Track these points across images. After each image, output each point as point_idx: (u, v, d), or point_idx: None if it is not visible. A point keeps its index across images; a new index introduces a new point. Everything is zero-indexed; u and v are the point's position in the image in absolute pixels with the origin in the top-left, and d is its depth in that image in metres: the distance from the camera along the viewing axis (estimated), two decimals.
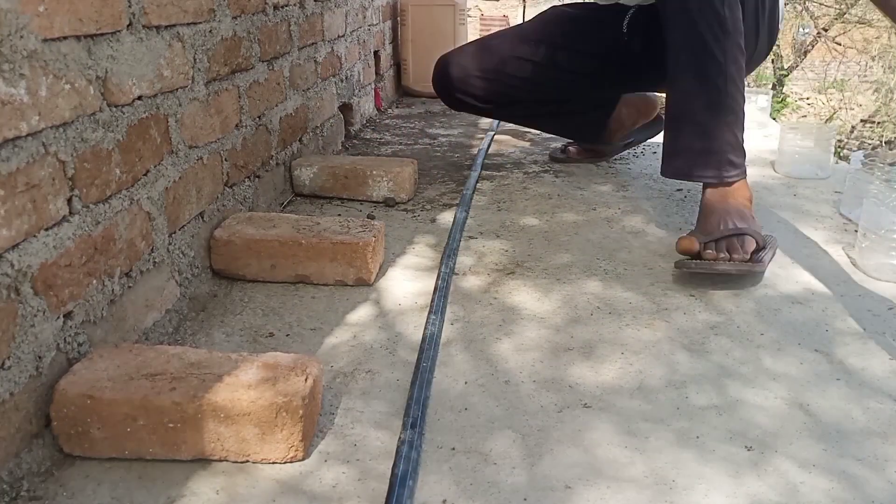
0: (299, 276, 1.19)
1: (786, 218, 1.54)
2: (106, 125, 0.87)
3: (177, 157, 1.06)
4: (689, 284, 1.21)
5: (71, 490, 0.73)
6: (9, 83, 0.69)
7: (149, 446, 0.76)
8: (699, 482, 0.75)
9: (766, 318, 1.10)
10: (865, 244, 1.26)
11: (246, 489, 0.74)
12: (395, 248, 1.36)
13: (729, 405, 0.89)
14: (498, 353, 1.00)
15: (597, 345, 1.03)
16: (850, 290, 1.20)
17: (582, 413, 0.87)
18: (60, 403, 0.75)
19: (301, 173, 1.61)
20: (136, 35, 0.93)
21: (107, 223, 0.88)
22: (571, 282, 1.23)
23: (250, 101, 1.35)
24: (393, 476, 0.74)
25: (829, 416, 0.87)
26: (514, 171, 1.88)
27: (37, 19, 0.72)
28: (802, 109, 7.12)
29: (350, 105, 2.15)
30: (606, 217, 1.54)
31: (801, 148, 1.85)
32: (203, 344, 1.01)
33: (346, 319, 1.09)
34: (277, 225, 1.22)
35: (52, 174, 0.76)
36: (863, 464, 0.78)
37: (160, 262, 1.02)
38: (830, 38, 6.84)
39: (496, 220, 1.51)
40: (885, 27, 6.59)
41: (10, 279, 0.70)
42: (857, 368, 0.97)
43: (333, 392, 0.91)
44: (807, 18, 6.80)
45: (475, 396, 0.90)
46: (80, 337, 0.82)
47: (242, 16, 1.29)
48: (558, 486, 0.75)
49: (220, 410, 0.75)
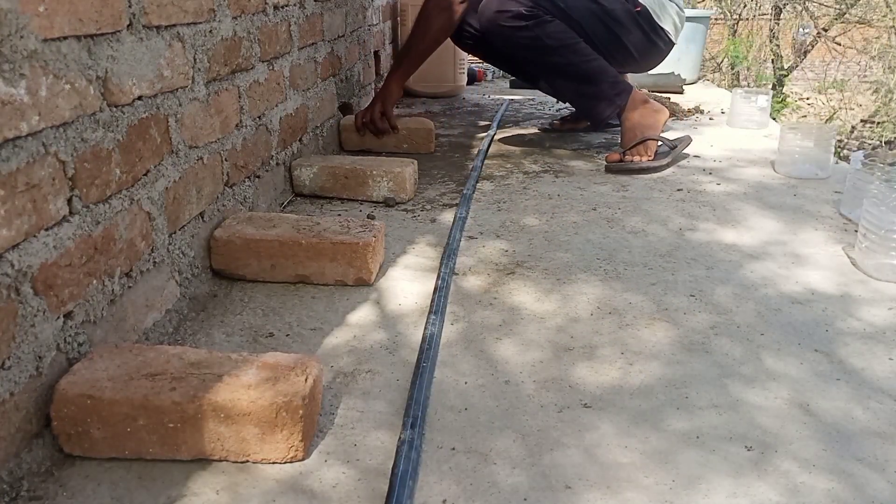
0: (299, 276, 1.19)
1: (786, 218, 1.54)
2: (106, 125, 0.87)
3: (177, 157, 1.06)
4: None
5: (71, 490, 0.73)
6: (9, 83, 0.69)
7: (149, 446, 0.76)
8: (699, 482, 0.75)
9: (767, 318, 1.10)
10: (865, 244, 1.26)
11: (246, 489, 0.74)
12: (395, 248, 1.36)
13: (729, 405, 0.89)
14: (498, 353, 1.00)
15: (597, 345, 1.03)
16: (851, 290, 1.20)
17: (582, 413, 0.87)
18: (60, 403, 0.75)
19: (301, 173, 1.61)
20: (137, 35, 0.93)
21: (107, 223, 0.88)
22: (572, 282, 1.23)
23: (250, 101, 1.35)
24: (393, 476, 0.74)
25: (830, 416, 0.87)
26: (515, 172, 1.88)
27: (37, 19, 0.72)
28: (802, 109, 7.12)
29: (350, 105, 2.15)
30: (606, 217, 1.54)
31: (801, 148, 1.85)
32: (203, 344, 1.01)
33: (346, 319, 1.09)
34: (277, 225, 1.22)
35: (52, 174, 0.76)
36: (863, 464, 0.78)
37: (160, 262, 1.02)
38: (830, 38, 6.83)
39: (496, 221, 1.51)
40: (884, 27, 6.59)
41: (11, 279, 0.70)
42: (858, 368, 0.97)
43: (333, 392, 0.91)
44: (807, 18, 6.80)
45: (475, 396, 0.90)
46: (80, 337, 0.82)
47: (242, 16, 1.29)
48: (558, 486, 0.75)
49: (221, 410, 0.74)
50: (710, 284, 1.22)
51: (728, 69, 6.90)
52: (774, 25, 6.83)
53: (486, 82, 3.48)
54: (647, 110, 1.96)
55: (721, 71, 6.98)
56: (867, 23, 6.70)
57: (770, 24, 6.86)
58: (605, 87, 1.98)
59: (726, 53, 6.76)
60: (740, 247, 1.38)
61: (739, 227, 1.48)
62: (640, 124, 1.94)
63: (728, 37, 6.94)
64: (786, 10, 6.83)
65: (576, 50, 1.94)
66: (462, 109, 2.74)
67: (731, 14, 6.99)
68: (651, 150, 1.89)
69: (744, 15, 7.02)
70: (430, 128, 2.04)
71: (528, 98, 2.93)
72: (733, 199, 1.67)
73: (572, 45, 1.94)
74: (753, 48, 6.83)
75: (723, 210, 1.59)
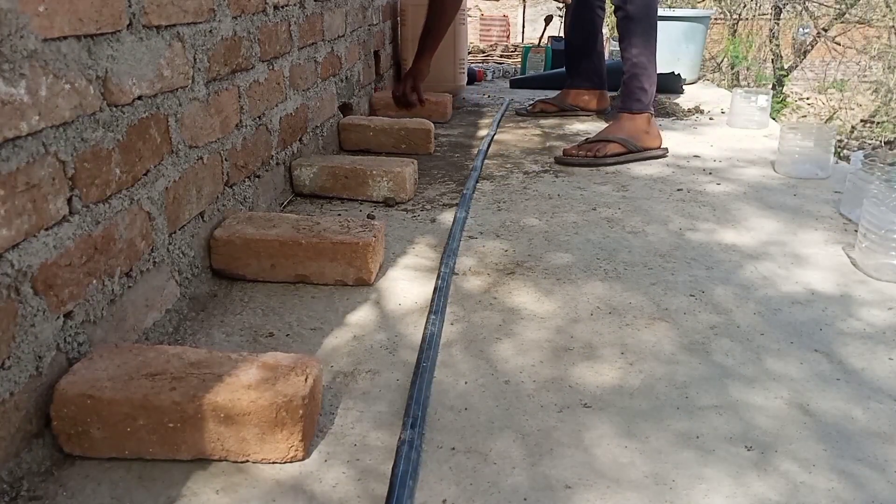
0: (299, 275, 1.19)
1: (786, 218, 1.54)
2: (106, 125, 0.86)
3: (177, 156, 1.06)
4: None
5: (71, 490, 0.73)
6: (9, 83, 0.69)
7: (149, 446, 0.76)
8: (699, 482, 0.75)
9: (767, 318, 1.10)
10: (865, 244, 1.26)
11: (246, 489, 0.74)
12: (395, 248, 1.36)
13: (729, 405, 0.89)
14: (498, 353, 1.00)
15: (597, 345, 1.03)
16: (851, 290, 1.20)
17: (582, 413, 0.87)
18: (60, 403, 0.75)
19: (301, 173, 1.61)
20: (137, 35, 0.93)
21: (107, 223, 0.88)
22: (572, 282, 1.23)
23: (250, 101, 1.35)
24: (393, 476, 0.74)
25: (830, 417, 0.87)
26: (515, 172, 1.88)
27: (37, 19, 0.72)
28: (802, 109, 7.12)
29: (350, 105, 2.15)
30: (606, 217, 1.54)
31: (801, 148, 1.85)
32: (203, 344, 1.01)
33: (346, 319, 1.09)
34: (277, 225, 1.22)
35: (52, 174, 0.76)
36: (863, 464, 0.78)
37: (160, 262, 1.02)
38: (830, 38, 6.83)
39: (496, 221, 1.51)
40: (885, 27, 6.59)
41: (11, 279, 0.70)
42: (858, 368, 0.97)
43: (333, 392, 0.91)
44: (807, 18, 6.80)
45: (475, 396, 0.90)
46: (80, 337, 0.82)
47: (242, 16, 1.29)
48: (558, 486, 0.75)
49: (220, 410, 0.74)
50: (710, 284, 1.21)
51: (728, 69, 6.90)
52: (774, 25, 6.83)
53: (486, 82, 3.48)
54: (650, 129, 2.02)
55: (721, 71, 6.98)
56: (867, 23, 6.70)
57: (770, 24, 6.86)
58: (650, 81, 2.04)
59: (726, 53, 6.76)
60: (740, 247, 1.38)
61: (739, 228, 1.48)
62: (631, 131, 1.99)
63: (728, 37, 6.94)
64: (786, 10, 6.83)
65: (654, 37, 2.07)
66: (462, 109, 2.74)
67: (731, 14, 6.99)
68: (598, 150, 1.95)
69: (744, 15, 7.02)
70: (429, 128, 2.04)
71: (528, 98, 2.93)
72: (733, 199, 1.67)
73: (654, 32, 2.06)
74: (753, 48, 6.83)
75: (723, 210, 1.59)
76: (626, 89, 2.04)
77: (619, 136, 1.98)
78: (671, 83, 2.97)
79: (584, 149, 1.96)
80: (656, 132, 2.05)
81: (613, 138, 1.97)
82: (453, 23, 2.17)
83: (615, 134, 1.99)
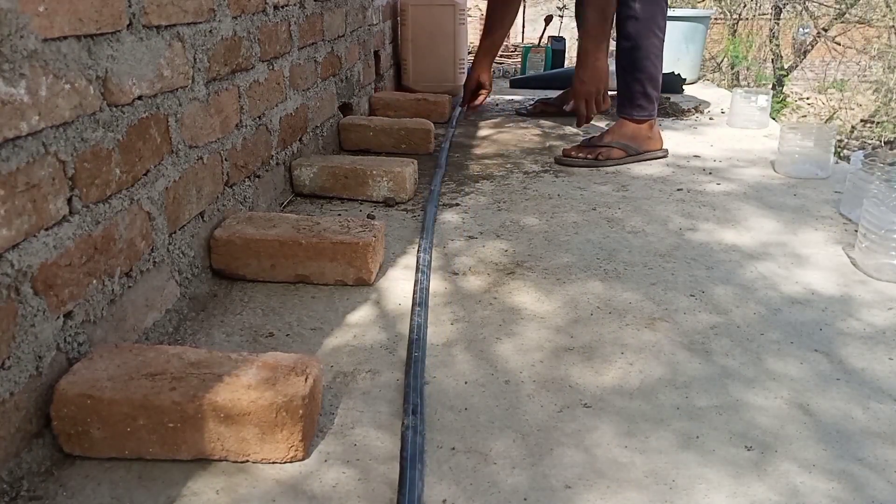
0: (299, 275, 1.19)
1: (786, 218, 1.54)
2: (106, 125, 0.86)
3: (177, 156, 1.06)
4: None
5: (71, 490, 0.73)
6: (9, 83, 0.69)
7: (149, 446, 0.76)
8: (699, 483, 0.75)
9: (767, 318, 1.10)
10: (865, 244, 1.26)
11: (246, 489, 0.74)
12: (395, 248, 1.36)
13: (729, 405, 0.89)
14: (498, 353, 1.00)
15: (597, 345, 1.03)
16: (851, 290, 1.20)
17: (582, 413, 0.87)
18: (60, 403, 0.74)
19: (301, 173, 1.61)
20: (137, 35, 0.93)
21: (107, 223, 0.88)
22: (572, 282, 1.23)
23: (250, 101, 1.35)
24: (402, 460, 0.77)
25: (830, 417, 0.87)
26: (515, 172, 1.88)
27: (37, 19, 0.72)
28: (802, 109, 7.12)
29: (350, 105, 2.15)
30: (606, 217, 1.54)
31: (801, 148, 1.85)
32: (203, 344, 1.01)
33: (346, 319, 1.09)
34: (277, 225, 1.22)
35: (52, 174, 0.76)
36: (863, 464, 0.78)
37: (160, 262, 1.02)
38: (830, 38, 6.83)
39: (496, 220, 1.51)
40: (885, 27, 6.59)
41: (10, 279, 0.70)
42: (858, 368, 0.97)
43: (334, 392, 0.91)
44: (807, 18, 6.79)
45: (475, 396, 0.90)
46: (80, 337, 0.82)
47: (242, 16, 1.29)
48: (558, 487, 0.75)
49: (220, 410, 0.74)
50: (710, 284, 1.22)
51: (728, 69, 6.90)
52: (774, 25, 6.83)
53: None
54: (651, 133, 2.02)
55: (721, 71, 6.98)
56: (867, 23, 6.70)
57: (770, 24, 6.86)
58: (654, 86, 2.01)
59: (726, 53, 6.76)
60: (740, 247, 1.38)
61: (739, 227, 1.48)
62: (632, 136, 1.99)
63: (728, 37, 6.94)
64: (786, 10, 6.82)
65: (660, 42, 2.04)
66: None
67: (731, 14, 6.98)
68: (596, 153, 1.95)
69: (744, 15, 7.02)
70: (429, 128, 2.04)
71: (528, 98, 2.93)
72: (733, 199, 1.67)
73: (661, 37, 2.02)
74: (753, 48, 6.82)
75: (723, 210, 1.59)
76: (629, 93, 2.01)
77: (621, 142, 1.98)
78: (671, 83, 2.97)
79: (585, 150, 1.96)
80: (658, 135, 2.05)
81: (616, 144, 1.97)
82: (453, 22, 2.15)
83: (617, 140, 1.98)
